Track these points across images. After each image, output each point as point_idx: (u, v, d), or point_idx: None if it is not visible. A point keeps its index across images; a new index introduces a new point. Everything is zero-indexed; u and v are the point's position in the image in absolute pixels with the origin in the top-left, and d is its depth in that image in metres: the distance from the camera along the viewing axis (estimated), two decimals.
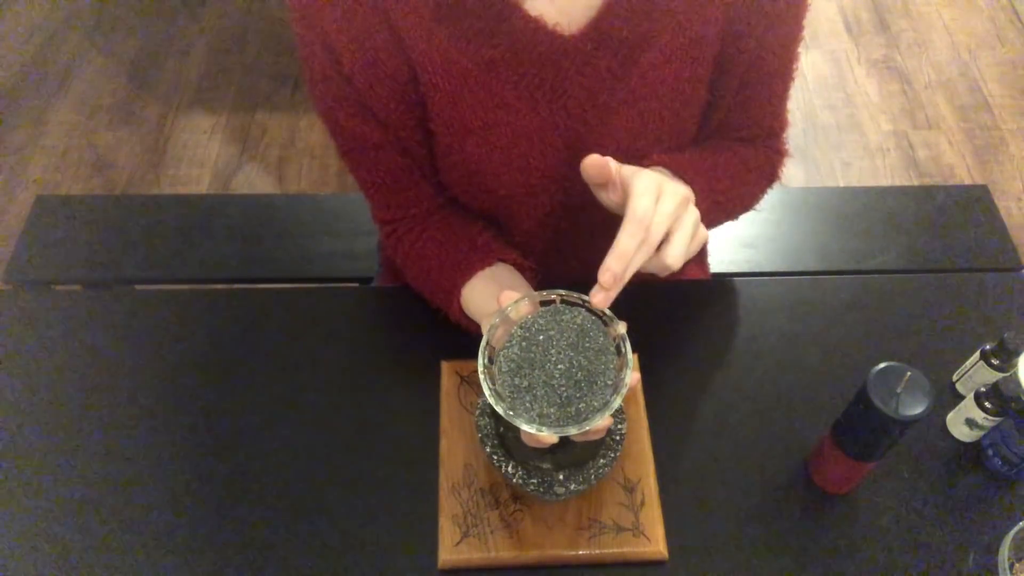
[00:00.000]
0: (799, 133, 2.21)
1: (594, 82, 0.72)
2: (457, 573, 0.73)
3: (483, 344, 0.62)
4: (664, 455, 0.79)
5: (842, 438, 0.72)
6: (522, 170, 0.76)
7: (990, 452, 0.78)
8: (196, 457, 0.80)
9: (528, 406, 0.60)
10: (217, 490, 0.78)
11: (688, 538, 0.75)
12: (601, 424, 0.59)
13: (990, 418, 0.77)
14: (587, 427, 0.59)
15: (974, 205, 1.24)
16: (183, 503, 0.77)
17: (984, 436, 0.79)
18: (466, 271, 0.78)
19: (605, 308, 0.60)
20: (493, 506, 0.75)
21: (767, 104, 0.81)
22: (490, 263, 0.79)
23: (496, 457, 0.71)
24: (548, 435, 0.59)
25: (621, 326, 0.62)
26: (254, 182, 2.08)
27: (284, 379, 0.86)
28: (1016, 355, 0.77)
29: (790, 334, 0.89)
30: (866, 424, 0.67)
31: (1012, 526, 0.69)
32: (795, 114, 2.25)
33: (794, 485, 0.78)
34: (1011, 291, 0.94)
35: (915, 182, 2.10)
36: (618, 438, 0.73)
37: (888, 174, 2.12)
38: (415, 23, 0.68)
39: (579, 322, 0.63)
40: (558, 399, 0.60)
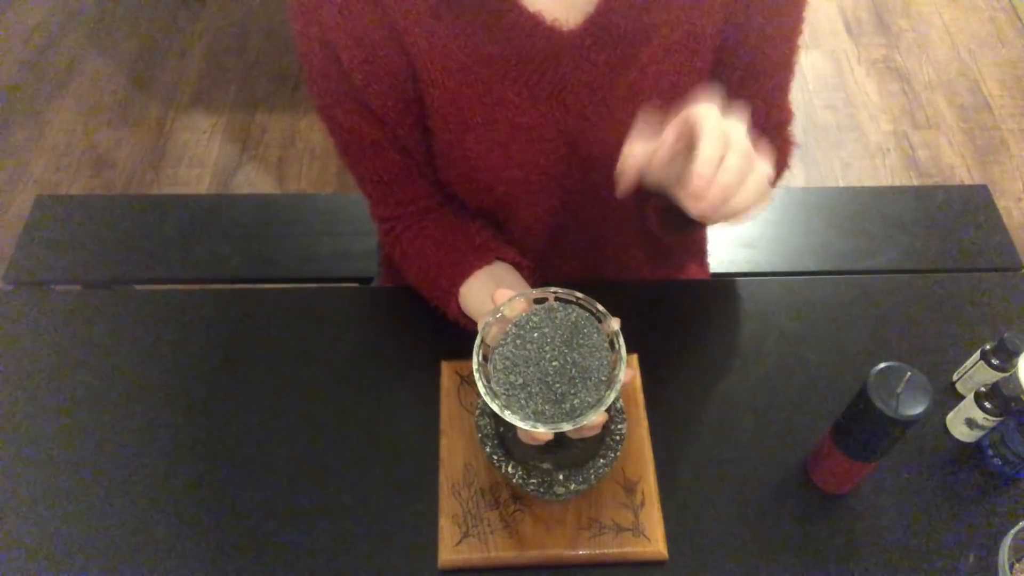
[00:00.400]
0: (799, 133, 2.19)
1: (593, 77, 0.71)
2: (457, 573, 0.73)
3: (478, 342, 0.62)
4: (664, 455, 0.79)
5: (842, 438, 0.72)
6: (521, 166, 0.76)
7: (990, 452, 0.78)
8: (196, 456, 0.80)
9: (523, 403, 0.60)
10: (217, 490, 0.78)
11: (688, 538, 0.75)
12: (595, 420, 0.60)
13: (990, 418, 0.77)
14: (582, 423, 0.59)
15: (974, 205, 1.24)
16: (183, 502, 0.77)
17: (984, 436, 0.79)
18: (464, 270, 0.78)
19: (708, 214, 0.55)
20: (493, 506, 0.75)
21: (770, 97, 0.81)
22: (488, 262, 0.79)
23: (496, 457, 0.71)
24: (543, 432, 0.59)
25: (615, 322, 0.62)
26: (254, 182, 2.08)
27: (284, 379, 0.86)
28: (1016, 355, 0.77)
29: (790, 334, 0.89)
30: (866, 424, 0.67)
31: (1012, 526, 0.69)
32: (795, 114, 2.25)
33: (794, 485, 0.78)
34: (1011, 291, 0.94)
35: (915, 182, 2.09)
36: (618, 438, 0.73)
37: (888, 174, 2.12)
38: (414, 20, 0.68)
39: (573, 319, 0.63)
40: (553, 396, 0.60)
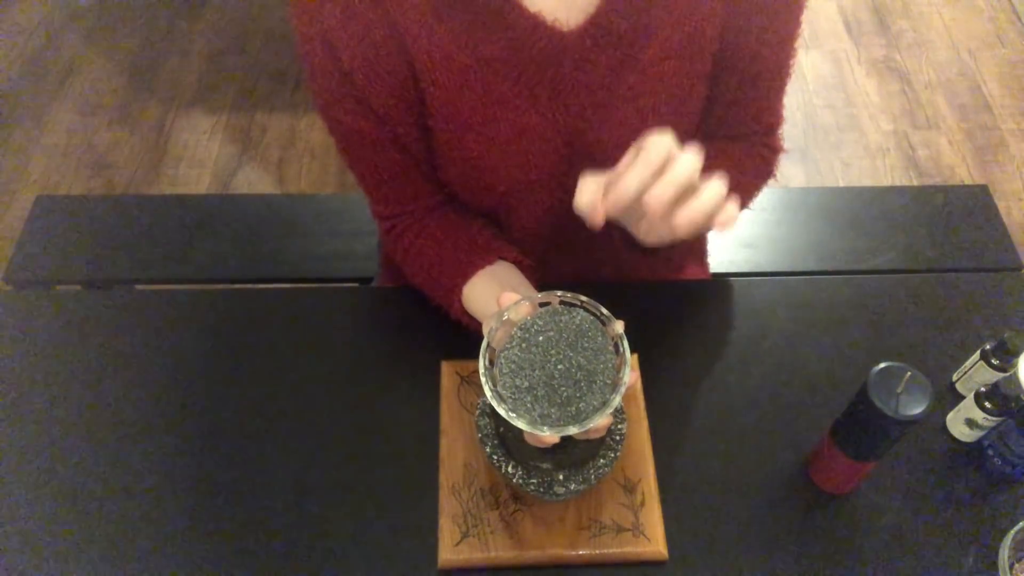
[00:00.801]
0: (799, 133, 2.21)
1: (593, 78, 0.71)
2: (457, 573, 0.73)
3: (483, 346, 0.62)
4: (664, 455, 0.79)
5: (842, 438, 0.72)
6: (521, 166, 0.76)
7: (990, 452, 0.78)
8: (196, 456, 0.80)
9: (529, 407, 0.60)
10: (217, 489, 0.78)
11: (688, 538, 0.75)
12: (601, 423, 0.60)
13: (990, 418, 0.77)
14: (587, 426, 0.59)
15: (974, 205, 1.24)
16: (183, 502, 0.77)
17: (984, 436, 0.79)
18: (467, 270, 0.78)
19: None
20: (493, 506, 0.75)
21: (765, 100, 0.81)
22: (490, 261, 0.79)
23: (496, 457, 0.71)
24: (549, 435, 0.59)
25: (619, 325, 0.62)
26: (254, 182, 2.08)
27: (284, 379, 0.86)
28: (1016, 355, 0.77)
29: (790, 334, 0.89)
30: (866, 424, 0.67)
31: (1012, 526, 0.69)
32: (795, 114, 2.25)
33: (794, 485, 0.78)
34: (1011, 291, 0.94)
35: (915, 182, 2.09)
36: (618, 438, 0.73)
37: (888, 174, 2.12)
38: (415, 19, 0.68)
39: (577, 322, 0.63)
40: (558, 399, 0.60)
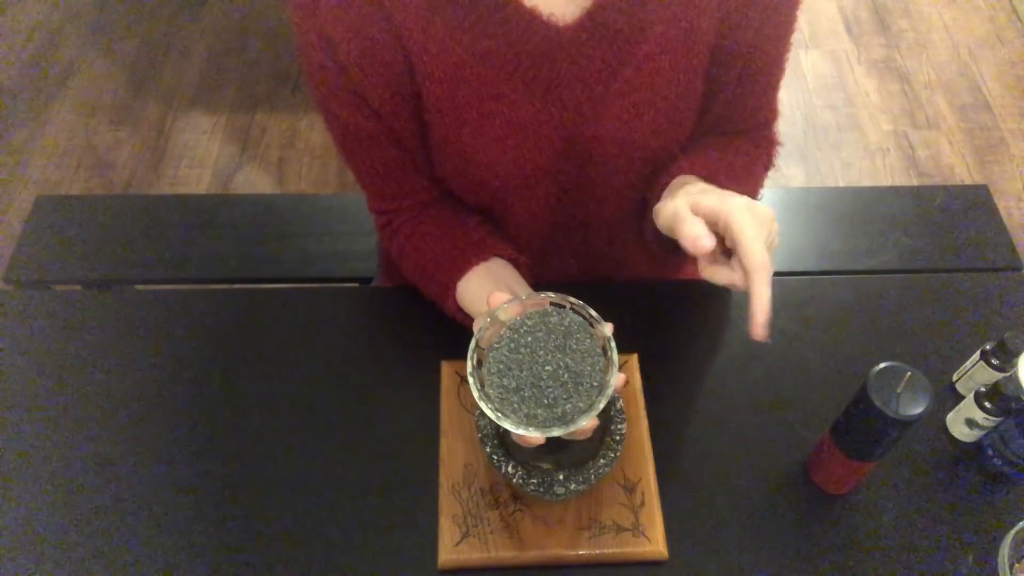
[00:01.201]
0: (799, 133, 2.21)
1: (589, 73, 0.72)
2: (457, 573, 0.73)
3: (472, 346, 0.63)
4: (664, 455, 0.79)
5: (842, 438, 0.72)
6: (516, 161, 0.76)
7: (990, 452, 0.78)
8: (196, 456, 0.80)
9: (516, 407, 0.61)
10: (217, 489, 0.78)
11: (688, 538, 0.75)
12: (587, 425, 0.60)
13: (990, 418, 0.77)
14: (572, 428, 0.59)
15: (974, 205, 1.24)
16: (182, 502, 0.77)
17: (984, 436, 0.79)
18: (462, 266, 0.78)
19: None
20: (493, 506, 0.75)
21: (762, 96, 0.82)
22: (485, 259, 0.79)
23: (496, 457, 0.71)
24: (535, 435, 0.59)
25: (607, 328, 0.63)
26: (254, 182, 2.08)
27: (284, 379, 0.86)
28: (1016, 355, 0.77)
29: (790, 334, 0.89)
30: (866, 424, 0.67)
31: (1012, 526, 0.69)
32: (795, 114, 2.25)
33: (794, 485, 0.78)
34: (1011, 291, 0.94)
35: (915, 182, 2.09)
36: (618, 438, 0.73)
37: (888, 174, 2.12)
38: (411, 14, 0.68)
39: (566, 324, 0.64)
40: (545, 400, 0.61)
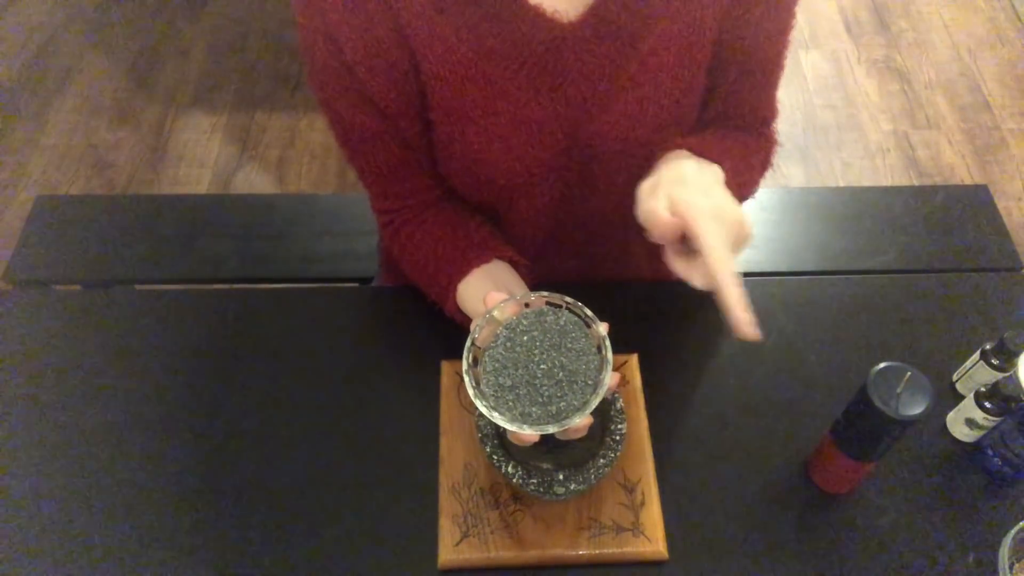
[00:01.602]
0: (799, 133, 2.21)
1: (593, 69, 0.72)
2: (457, 573, 0.73)
3: (468, 344, 0.63)
4: (664, 455, 0.79)
5: (842, 438, 0.72)
6: (522, 159, 0.76)
7: (990, 452, 0.78)
8: (196, 457, 0.80)
9: (511, 405, 0.61)
10: (216, 489, 0.78)
11: (688, 538, 0.75)
12: (581, 423, 0.61)
13: (990, 418, 0.77)
14: (566, 425, 0.60)
15: (974, 205, 1.24)
16: (182, 502, 0.77)
17: (984, 436, 0.79)
18: (462, 268, 0.78)
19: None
20: (493, 506, 0.75)
21: (762, 92, 0.82)
22: (486, 260, 0.79)
23: (496, 457, 0.72)
24: (529, 433, 0.60)
25: (602, 327, 0.63)
26: (254, 182, 2.08)
27: (284, 379, 0.86)
28: (1016, 355, 0.77)
29: (790, 334, 0.89)
30: (866, 424, 0.67)
31: (1012, 526, 0.69)
32: (795, 114, 2.25)
33: (794, 485, 0.78)
34: (1011, 291, 0.94)
35: (915, 182, 2.09)
36: (618, 438, 0.73)
37: (888, 174, 2.12)
38: (416, 13, 0.68)
39: (562, 323, 0.64)
40: (540, 398, 0.61)
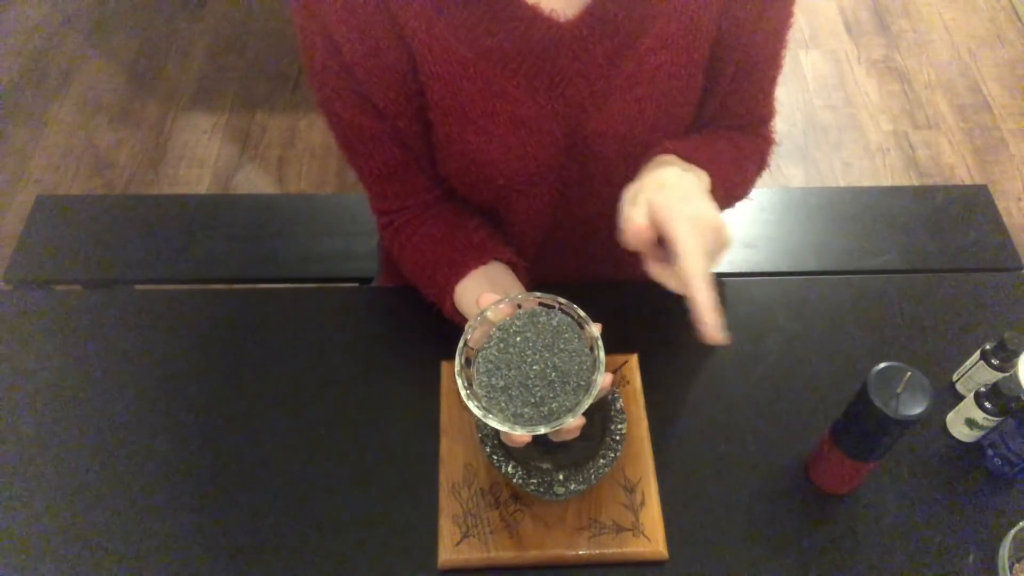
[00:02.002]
0: (799, 133, 2.21)
1: (591, 68, 0.72)
2: (457, 573, 0.73)
3: (461, 345, 0.63)
4: (664, 455, 0.79)
5: (842, 438, 0.72)
6: (520, 158, 0.76)
7: (990, 452, 0.78)
8: (195, 457, 0.80)
9: (503, 406, 0.61)
10: (216, 489, 0.78)
11: (688, 538, 0.75)
12: (572, 423, 0.61)
13: (990, 418, 0.77)
14: (558, 426, 0.60)
15: (974, 205, 1.24)
16: (182, 502, 0.77)
17: (984, 436, 0.79)
18: (460, 269, 0.78)
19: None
20: (493, 506, 0.75)
21: (759, 92, 0.82)
22: (484, 262, 0.79)
23: (496, 457, 0.72)
24: (521, 434, 0.60)
25: (595, 328, 0.63)
26: (254, 182, 2.08)
27: (284, 379, 0.86)
28: (1016, 355, 0.77)
29: (790, 334, 0.89)
30: (866, 424, 0.67)
31: (1012, 526, 0.69)
32: (795, 114, 2.25)
33: (794, 485, 0.79)
34: (1011, 291, 0.94)
35: (915, 182, 2.09)
36: (618, 438, 0.73)
37: (888, 174, 2.12)
38: (414, 13, 0.68)
39: (555, 324, 0.64)
40: (532, 399, 0.61)
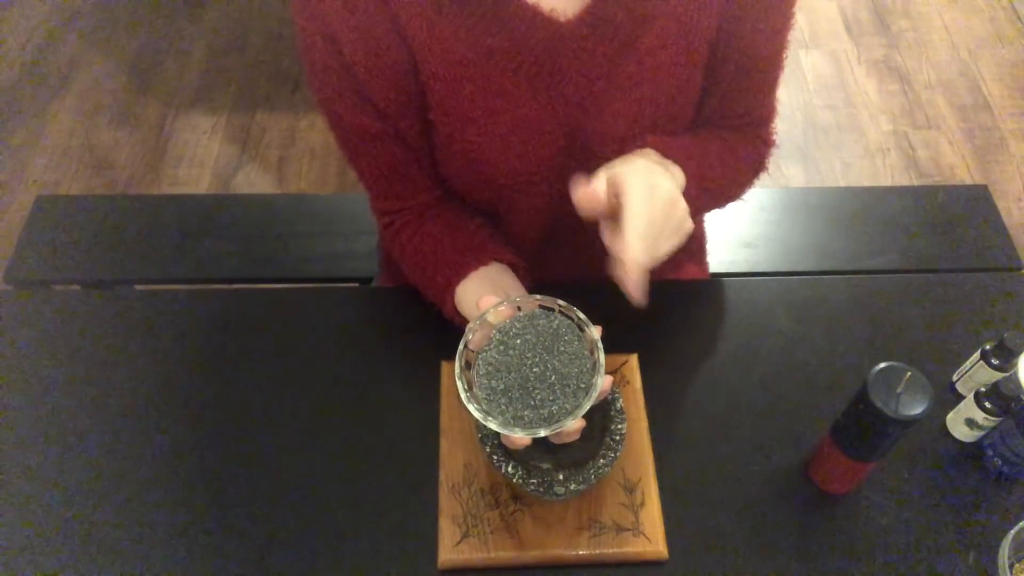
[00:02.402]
0: (799, 133, 2.21)
1: (590, 68, 0.72)
2: (457, 573, 0.73)
3: (460, 348, 0.63)
4: (664, 455, 0.79)
5: (842, 438, 0.72)
6: (521, 158, 0.76)
7: (990, 452, 0.78)
8: (195, 457, 0.80)
9: (503, 408, 0.61)
10: (216, 489, 0.78)
11: (688, 538, 0.75)
12: (572, 426, 0.60)
13: (990, 418, 0.77)
14: (558, 429, 0.60)
15: (974, 205, 1.24)
16: (182, 502, 0.77)
17: (984, 436, 0.79)
18: (461, 270, 0.78)
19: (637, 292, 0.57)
20: (493, 506, 0.75)
21: (759, 92, 0.82)
22: (485, 263, 0.79)
23: (496, 457, 0.72)
24: (520, 436, 0.60)
25: (595, 331, 0.63)
26: (254, 182, 2.08)
27: (284, 379, 0.86)
28: (1016, 355, 0.77)
29: (790, 334, 0.89)
30: (866, 424, 0.67)
31: (1012, 526, 0.69)
32: (795, 114, 2.25)
33: (794, 485, 0.79)
34: (1011, 291, 0.94)
35: (915, 182, 2.09)
36: (618, 438, 0.73)
37: (888, 174, 2.12)
38: (415, 13, 0.68)
39: (555, 327, 0.64)
40: (532, 402, 0.61)
